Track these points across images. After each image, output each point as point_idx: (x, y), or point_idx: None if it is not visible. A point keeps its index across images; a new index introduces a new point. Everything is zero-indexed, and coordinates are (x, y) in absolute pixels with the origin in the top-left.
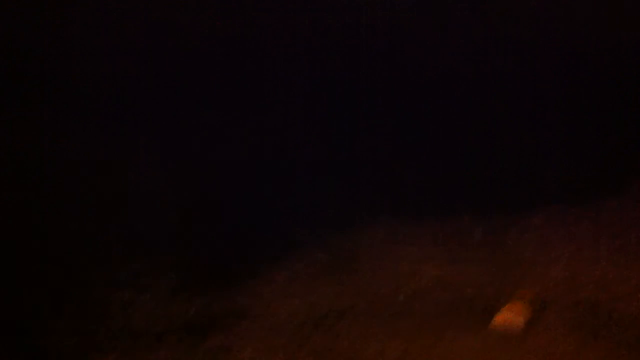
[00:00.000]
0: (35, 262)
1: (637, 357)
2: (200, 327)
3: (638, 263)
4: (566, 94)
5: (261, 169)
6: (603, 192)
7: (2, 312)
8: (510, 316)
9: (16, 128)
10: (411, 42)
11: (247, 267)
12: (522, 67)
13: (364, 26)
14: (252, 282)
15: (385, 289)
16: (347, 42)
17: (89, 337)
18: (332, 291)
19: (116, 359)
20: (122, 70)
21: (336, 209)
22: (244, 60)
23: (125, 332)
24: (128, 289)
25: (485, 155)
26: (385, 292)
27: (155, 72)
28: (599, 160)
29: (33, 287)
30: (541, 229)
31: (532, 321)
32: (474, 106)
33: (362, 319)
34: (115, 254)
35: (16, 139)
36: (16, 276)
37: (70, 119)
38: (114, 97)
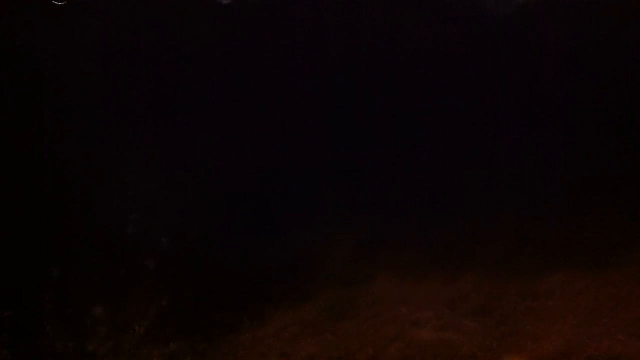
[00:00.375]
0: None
1: None
2: None
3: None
4: (566, 95)
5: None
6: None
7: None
8: None
9: (16, 128)
10: (411, 42)
11: (228, 320)
12: (523, 68)
13: (364, 26)
14: (232, 337)
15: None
16: (347, 42)
17: None
18: (311, 353)
19: None
20: (122, 70)
21: (339, 262)
22: (244, 60)
23: None
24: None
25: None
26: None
27: (156, 72)
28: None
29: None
30: (543, 297)
31: None
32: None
33: None
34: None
35: (16, 139)
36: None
37: (70, 119)
38: (114, 97)
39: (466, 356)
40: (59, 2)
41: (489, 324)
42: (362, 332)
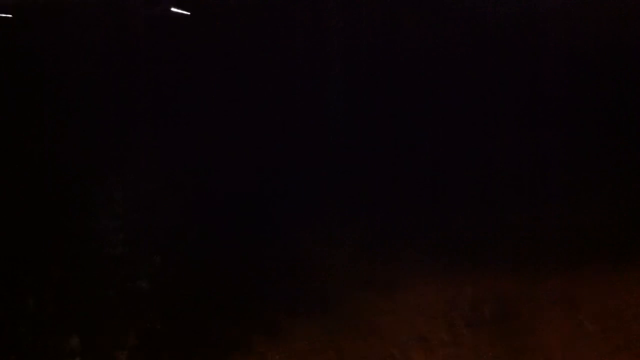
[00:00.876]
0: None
1: None
2: None
3: None
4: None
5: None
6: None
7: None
8: None
9: (16, 128)
10: (411, 42)
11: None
12: (523, 68)
13: (364, 26)
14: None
15: None
16: (347, 42)
17: None
18: None
19: None
20: (122, 70)
21: (339, 265)
22: (244, 60)
23: None
24: None
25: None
26: None
27: (155, 72)
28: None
29: None
30: (553, 304)
31: None
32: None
33: None
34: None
35: (16, 139)
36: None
37: (70, 119)
38: (114, 97)
39: None
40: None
41: (502, 336)
42: (366, 348)
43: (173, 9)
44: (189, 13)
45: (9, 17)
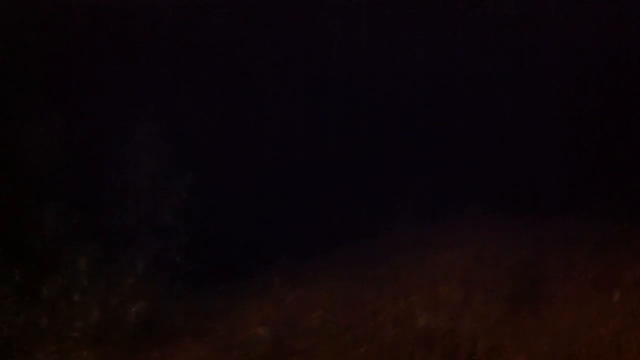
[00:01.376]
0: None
1: None
2: None
3: None
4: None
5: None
6: None
7: None
8: None
9: (16, 128)
10: (412, 42)
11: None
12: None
13: (364, 26)
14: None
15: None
16: (347, 42)
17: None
18: (299, 309)
19: None
20: (123, 68)
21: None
22: (243, 59)
23: None
24: None
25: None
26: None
27: (156, 71)
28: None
29: None
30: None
31: None
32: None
33: (319, 336)
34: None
35: (16, 139)
36: None
37: (70, 118)
38: (115, 97)
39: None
40: None
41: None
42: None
43: None
44: None
45: None
